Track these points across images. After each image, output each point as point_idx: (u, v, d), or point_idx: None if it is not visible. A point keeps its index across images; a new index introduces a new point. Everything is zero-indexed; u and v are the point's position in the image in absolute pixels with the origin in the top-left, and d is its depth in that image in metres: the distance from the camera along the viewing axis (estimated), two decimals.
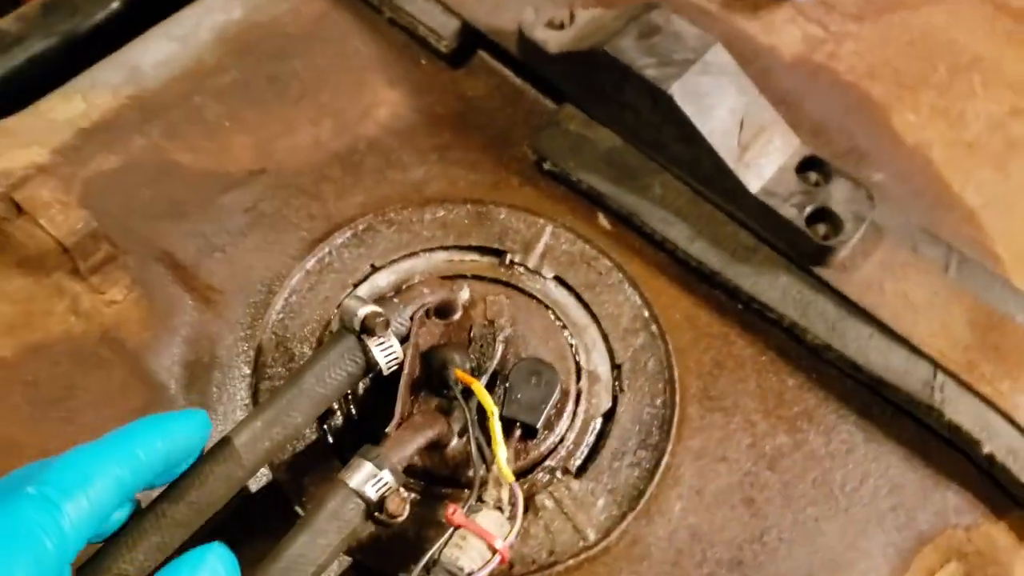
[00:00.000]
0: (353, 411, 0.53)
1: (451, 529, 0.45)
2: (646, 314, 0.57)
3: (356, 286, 0.58)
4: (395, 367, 0.49)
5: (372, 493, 0.44)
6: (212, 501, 0.42)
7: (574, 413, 0.54)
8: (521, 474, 0.52)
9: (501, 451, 0.47)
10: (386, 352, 0.48)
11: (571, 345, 0.56)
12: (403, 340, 0.50)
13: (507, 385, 0.52)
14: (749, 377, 0.56)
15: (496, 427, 0.48)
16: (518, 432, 0.51)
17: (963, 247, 0.62)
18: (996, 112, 0.68)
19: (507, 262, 0.59)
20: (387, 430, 0.47)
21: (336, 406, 0.53)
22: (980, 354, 0.55)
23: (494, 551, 0.44)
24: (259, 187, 0.61)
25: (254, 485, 0.50)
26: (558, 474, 0.52)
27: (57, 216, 0.54)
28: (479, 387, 0.49)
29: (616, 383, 0.55)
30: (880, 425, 0.55)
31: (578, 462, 0.53)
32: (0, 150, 0.60)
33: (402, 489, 0.45)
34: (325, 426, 0.53)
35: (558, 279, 0.59)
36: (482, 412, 0.49)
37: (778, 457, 0.54)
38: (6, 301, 0.55)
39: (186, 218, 0.59)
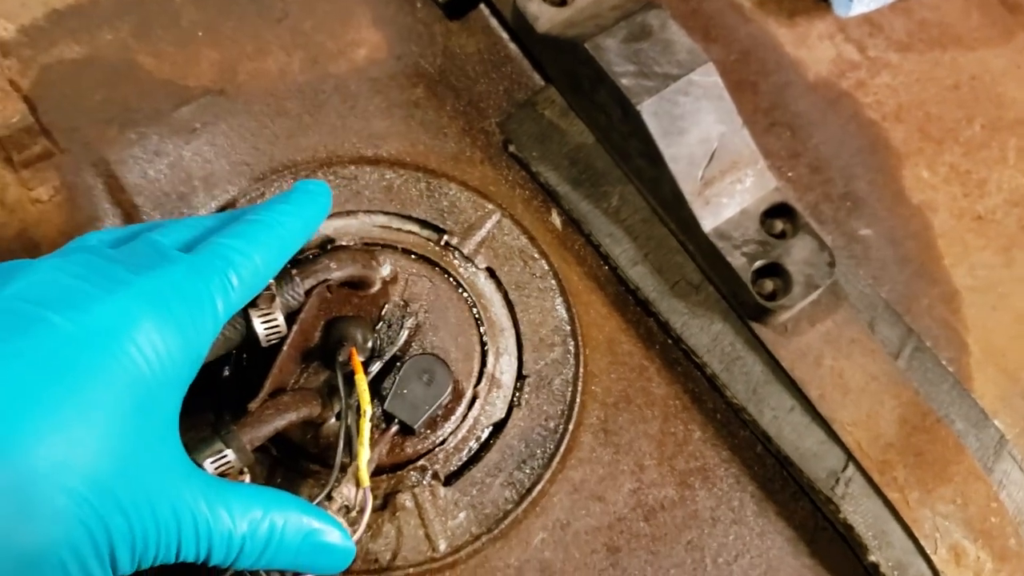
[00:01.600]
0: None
1: None
2: (568, 328, 0.55)
3: None
4: (276, 341, 0.47)
5: (210, 469, 0.43)
6: None
7: (464, 417, 0.52)
8: (391, 468, 0.51)
9: (365, 452, 0.46)
10: (267, 325, 0.46)
11: (483, 344, 0.54)
12: (296, 313, 0.48)
13: (397, 377, 0.50)
14: (655, 419, 0.54)
15: (365, 427, 0.46)
16: (395, 428, 0.50)
17: (931, 328, 0.57)
18: (1022, 187, 0.62)
19: (443, 243, 0.56)
20: (249, 405, 0.46)
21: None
22: (899, 455, 0.51)
23: None
24: (214, 108, 0.58)
25: None
26: (428, 477, 0.51)
27: None
28: (361, 379, 0.48)
29: (516, 395, 0.53)
30: (776, 502, 0.52)
31: (452, 468, 0.52)
32: None
33: (245, 472, 0.44)
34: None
35: (490, 271, 0.56)
36: None
37: (658, 510, 0.52)
38: None
39: (133, 127, 0.57)
